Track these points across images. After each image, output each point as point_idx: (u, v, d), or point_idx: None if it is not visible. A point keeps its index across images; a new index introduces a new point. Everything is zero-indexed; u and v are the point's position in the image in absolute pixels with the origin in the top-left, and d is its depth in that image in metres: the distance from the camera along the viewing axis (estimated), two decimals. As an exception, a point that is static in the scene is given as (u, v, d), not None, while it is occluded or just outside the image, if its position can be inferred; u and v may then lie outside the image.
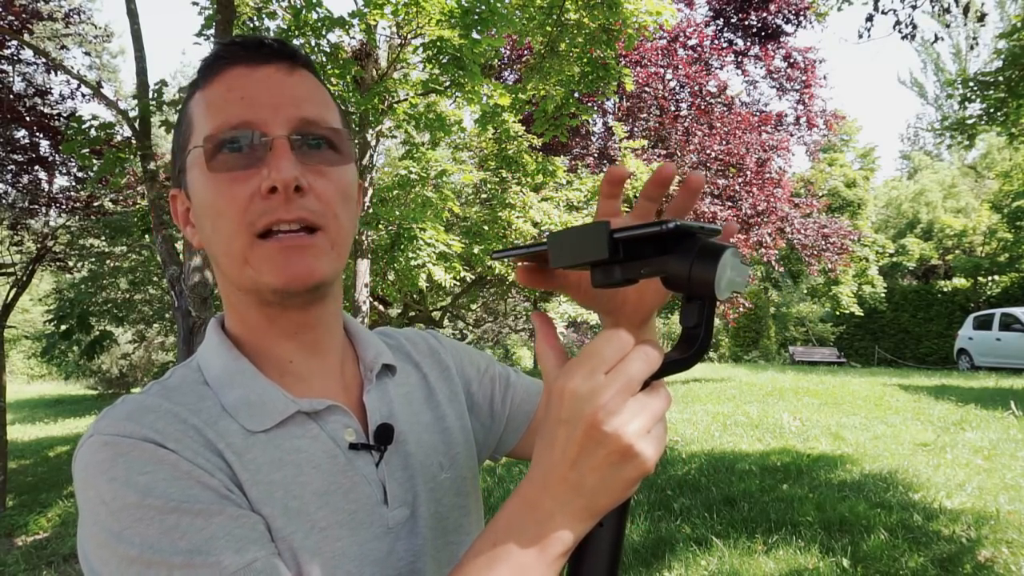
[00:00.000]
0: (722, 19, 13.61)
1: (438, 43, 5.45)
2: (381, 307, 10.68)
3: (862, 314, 19.45)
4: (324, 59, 5.51)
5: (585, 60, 6.42)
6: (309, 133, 0.62)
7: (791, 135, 13.42)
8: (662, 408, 0.47)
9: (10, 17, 7.14)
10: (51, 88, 8.02)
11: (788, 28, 13.23)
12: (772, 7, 12.83)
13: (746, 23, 13.35)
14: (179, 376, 0.66)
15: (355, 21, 5.19)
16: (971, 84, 8.67)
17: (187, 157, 0.64)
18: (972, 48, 23.25)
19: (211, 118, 0.61)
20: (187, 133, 0.65)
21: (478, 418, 0.83)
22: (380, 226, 7.25)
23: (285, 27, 5.36)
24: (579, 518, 0.48)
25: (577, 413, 0.46)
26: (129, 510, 0.52)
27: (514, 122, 7.69)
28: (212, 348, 0.67)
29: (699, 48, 12.87)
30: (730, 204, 11.50)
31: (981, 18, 6.51)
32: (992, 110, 8.58)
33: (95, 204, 8.61)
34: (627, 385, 0.45)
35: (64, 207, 8.39)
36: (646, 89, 11.75)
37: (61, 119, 7.64)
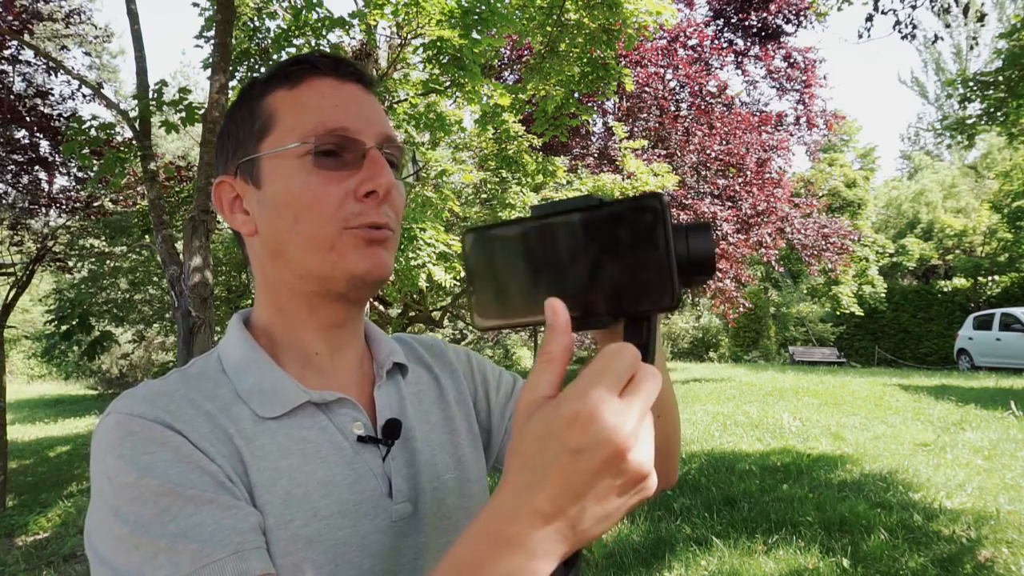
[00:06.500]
0: (722, 19, 13.62)
1: (438, 43, 5.44)
2: (381, 307, 10.67)
3: (862, 314, 19.43)
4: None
5: (585, 60, 6.41)
6: (389, 148, 0.68)
7: (791, 135, 13.42)
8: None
9: (10, 17, 7.14)
10: (51, 88, 8.01)
11: (788, 28, 13.24)
12: (772, 7, 12.84)
13: (746, 23, 13.36)
14: (199, 365, 0.68)
15: (355, 21, 5.18)
16: (971, 84, 8.65)
17: (263, 147, 0.67)
18: (972, 48, 23.24)
19: (307, 119, 0.65)
20: (267, 126, 0.67)
21: (487, 424, 0.84)
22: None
23: (285, 27, 5.35)
24: (560, 554, 0.43)
25: (599, 441, 0.40)
26: (129, 488, 0.54)
27: (514, 122, 7.67)
28: (233, 340, 0.70)
29: (699, 48, 12.87)
30: (730, 204, 11.50)
31: (981, 18, 6.51)
32: (992, 110, 8.55)
33: (95, 204, 8.59)
34: (645, 411, 0.42)
35: (64, 207, 8.37)
36: (646, 89, 11.74)
37: (61, 119, 7.63)
